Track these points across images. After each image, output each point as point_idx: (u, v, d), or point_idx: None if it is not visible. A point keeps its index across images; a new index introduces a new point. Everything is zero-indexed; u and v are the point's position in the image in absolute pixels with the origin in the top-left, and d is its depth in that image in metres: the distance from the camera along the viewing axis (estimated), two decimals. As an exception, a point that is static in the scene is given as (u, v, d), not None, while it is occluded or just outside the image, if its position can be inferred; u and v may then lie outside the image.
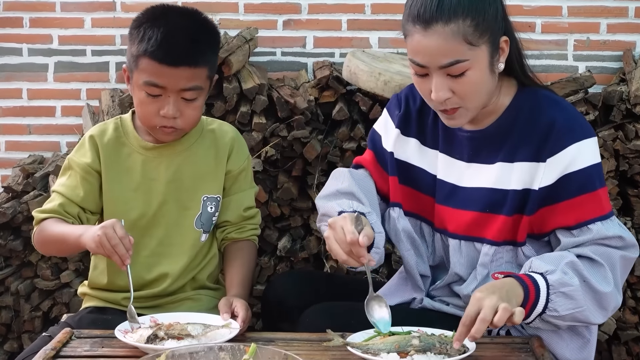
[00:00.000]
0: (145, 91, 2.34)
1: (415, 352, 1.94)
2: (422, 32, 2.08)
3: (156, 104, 2.35)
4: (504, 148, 2.20)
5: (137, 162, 2.46)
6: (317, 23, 3.95)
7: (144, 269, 2.46)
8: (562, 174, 2.13)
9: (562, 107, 2.20)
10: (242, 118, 3.42)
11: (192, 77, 2.33)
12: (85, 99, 3.99)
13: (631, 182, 3.48)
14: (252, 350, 1.72)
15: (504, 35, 2.15)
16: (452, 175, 2.28)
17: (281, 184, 3.47)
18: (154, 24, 2.32)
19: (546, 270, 2.07)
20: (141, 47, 2.31)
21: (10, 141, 4.03)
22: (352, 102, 3.56)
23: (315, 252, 3.48)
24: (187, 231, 2.48)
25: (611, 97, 3.50)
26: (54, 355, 2.00)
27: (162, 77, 2.31)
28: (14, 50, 3.99)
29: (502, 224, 2.19)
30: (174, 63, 2.30)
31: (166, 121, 2.36)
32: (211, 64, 2.41)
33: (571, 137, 2.13)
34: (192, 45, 2.33)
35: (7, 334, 3.59)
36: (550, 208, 2.15)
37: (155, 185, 2.46)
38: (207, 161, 2.50)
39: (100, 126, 2.52)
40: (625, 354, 3.48)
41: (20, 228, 3.51)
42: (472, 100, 2.13)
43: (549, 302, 2.05)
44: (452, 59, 2.07)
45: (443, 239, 2.32)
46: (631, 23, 3.90)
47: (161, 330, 2.05)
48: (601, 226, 2.13)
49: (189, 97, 2.35)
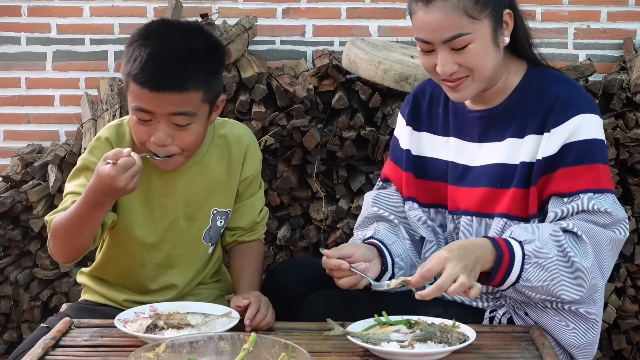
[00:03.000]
0: (135, 116, 2.18)
1: (416, 341, 1.94)
2: (424, 8, 2.13)
3: (147, 129, 2.17)
4: (512, 124, 2.22)
5: (152, 175, 2.29)
6: (316, 11, 3.94)
7: (149, 280, 2.39)
8: (564, 142, 2.14)
9: (569, 83, 2.24)
10: (241, 107, 3.41)
11: (180, 102, 2.13)
12: (84, 88, 3.99)
13: (631, 171, 3.48)
14: (252, 340, 1.72)
15: (507, 9, 2.18)
16: (464, 156, 2.30)
17: (280, 173, 3.47)
18: (143, 43, 2.15)
19: (525, 239, 2.08)
20: (127, 69, 2.15)
21: (8, 130, 4.02)
22: (351, 91, 3.56)
23: (314, 241, 3.48)
24: (195, 245, 2.39)
25: (611, 86, 3.49)
26: (53, 344, 2.00)
27: (147, 102, 2.13)
28: (12, 39, 3.98)
29: (512, 197, 2.19)
30: (157, 88, 2.11)
31: (157, 149, 2.18)
32: (208, 87, 2.19)
33: (576, 109, 2.16)
34: (180, 68, 2.13)
35: (7, 323, 3.60)
36: (549, 176, 2.16)
37: (168, 201, 2.33)
38: (220, 172, 2.37)
39: (117, 128, 2.33)
40: (625, 342, 3.49)
41: (19, 217, 3.51)
42: (479, 72, 2.16)
43: (522, 272, 2.06)
44: (454, 32, 2.11)
45: (455, 220, 2.32)
46: (631, 11, 3.90)
47: (161, 319, 2.05)
48: (592, 197, 2.12)
49: (180, 123, 2.16)
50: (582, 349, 2.23)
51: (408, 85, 3.35)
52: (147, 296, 2.39)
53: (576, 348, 2.22)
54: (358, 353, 1.97)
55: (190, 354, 1.74)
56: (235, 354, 1.72)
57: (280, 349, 1.71)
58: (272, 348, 1.72)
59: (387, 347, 1.93)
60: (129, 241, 2.34)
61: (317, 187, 3.46)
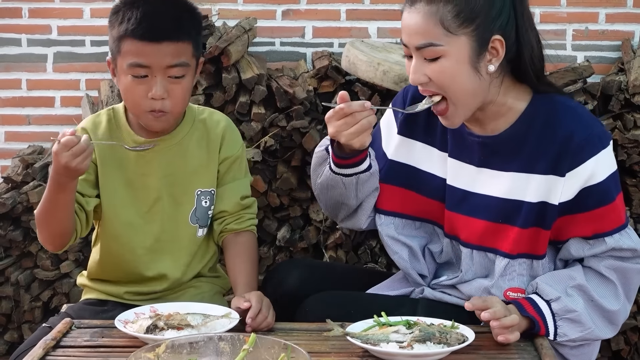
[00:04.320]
0: (130, 74, 2.29)
1: (415, 342, 1.94)
2: (408, 9, 2.11)
3: (143, 87, 2.29)
4: (518, 158, 2.17)
5: (129, 157, 2.39)
6: (316, 13, 3.95)
7: (143, 266, 2.42)
8: (581, 187, 2.12)
9: (580, 118, 2.16)
10: (241, 108, 3.42)
11: (176, 52, 2.28)
12: (85, 89, 3.99)
13: (630, 172, 3.48)
14: (252, 340, 1.73)
15: (498, 35, 2.09)
16: (462, 180, 2.24)
17: (280, 174, 3.47)
18: (133, 6, 2.30)
19: (550, 299, 2.11)
20: (122, 29, 2.28)
21: (9, 132, 4.03)
22: (351, 92, 3.55)
23: (314, 242, 3.48)
24: (183, 227, 2.43)
25: (610, 87, 3.50)
26: (54, 345, 2.01)
27: (146, 55, 2.26)
28: (13, 41, 3.99)
29: (517, 236, 2.17)
30: (156, 38, 2.26)
31: (155, 103, 2.29)
32: (195, 41, 2.35)
33: (590, 150, 2.11)
34: (174, 20, 2.30)
35: (7, 324, 3.60)
36: (568, 218, 2.15)
37: (149, 180, 2.40)
38: (199, 154, 2.44)
39: (94, 118, 2.47)
40: (624, 343, 3.49)
41: (20, 218, 3.51)
42: (454, 93, 2.10)
43: (557, 329, 2.10)
44: (426, 40, 2.07)
45: (454, 244, 2.30)
46: (630, 13, 3.90)
47: (161, 320, 2.05)
48: (618, 238, 2.15)
49: (176, 74, 2.29)
50: (580, 357, 2.25)
51: (407, 87, 3.35)
52: (145, 285, 2.43)
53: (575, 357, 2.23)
54: (357, 354, 1.97)
55: (190, 354, 1.75)
56: (235, 355, 1.73)
57: (279, 350, 1.72)
58: (271, 349, 1.73)
59: (386, 348, 1.93)
60: (117, 224, 2.40)
61: (316, 188, 3.46)
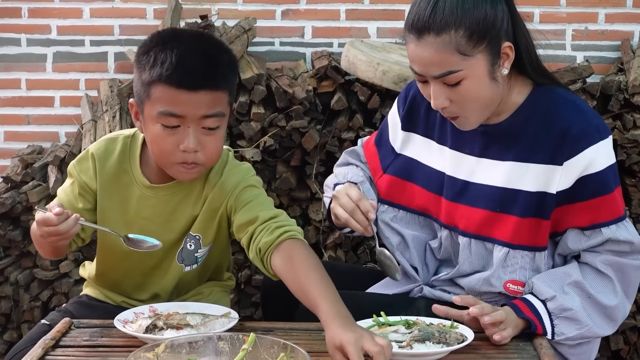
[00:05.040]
0: (161, 123, 2.10)
1: (414, 342, 1.94)
2: (416, 42, 2.07)
3: (174, 138, 2.11)
4: (516, 147, 2.18)
5: (133, 196, 2.27)
6: (315, 13, 3.95)
7: (134, 289, 2.39)
8: (578, 176, 2.12)
9: (579, 109, 2.17)
10: (240, 108, 3.42)
11: (213, 102, 2.10)
12: (84, 89, 3.99)
13: (629, 172, 3.48)
14: (251, 340, 1.73)
15: (507, 41, 2.10)
16: (462, 171, 2.26)
17: (280, 174, 3.47)
18: (166, 47, 2.09)
19: (546, 298, 2.12)
20: (154, 73, 2.07)
21: (9, 131, 4.03)
22: (350, 92, 3.57)
23: (313, 241, 3.48)
24: (171, 265, 2.34)
25: (609, 87, 3.50)
26: (53, 344, 2.01)
27: (180, 104, 2.07)
28: (13, 41, 3.99)
29: (516, 226, 2.18)
30: (193, 87, 2.07)
31: (187, 156, 2.12)
32: (231, 88, 2.18)
33: (588, 140, 2.11)
34: (211, 66, 2.10)
35: (7, 323, 3.60)
36: (566, 208, 2.16)
37: (148, 225, 2.27)
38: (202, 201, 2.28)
39: (107, 143, 2.30)
40: (623, 342, 3.49)
41: (19, 218, 3.51)
42: (471, 109, 2.12)
43: (554, 328, 2.10)
44: (445, 70, 2.06)
45: (452, 236, 2.30)
46: (629, 13, 3.91)
47: (160, 320, 2.05)
48: (615, 229, 2.15)
49: (211, 126, 2.11)
50: (579, 356, 2.25)
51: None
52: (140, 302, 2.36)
53: (574, 356, 2.23)
54: (356, 353, 1.97)
55: (190, 354, 1.75)
56: (235, 354, 1.73)
57: (279, 349, 1.72)
58: (271, 348, 1.73)
59: (385, 347, 1.93)
60: (113, 254, 2.34)
61: (316, 188, 3.47)
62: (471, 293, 2.24)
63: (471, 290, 2.24)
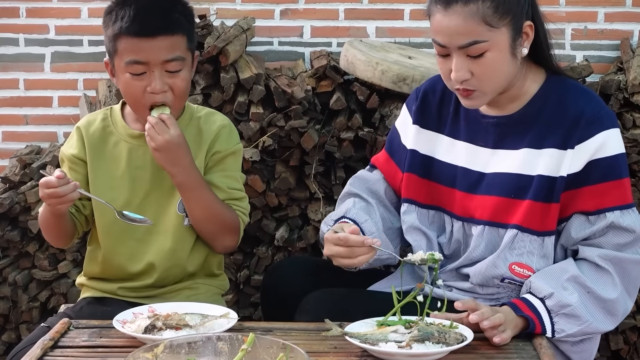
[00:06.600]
0: (128, 72, 2.34)
1: (414, 342, 1.94)
2: (443, 11, 2.12)
3: (142, 83, 2.34)
4: (529, 134, 2.22)
5: (123, 150, 2.45)
6: (314, 12, 3.95)
7: (129, 259, 2.44)
8: (589, 159, 2.15)
9: (591, 97, 2.23)
10: (239, 108, 3.42)
11: (171, 46, 2.33)
12: (82, 89, 3.99)
13: (629, 172, 3.47)
14: (251, 340, 1.73)
15: (528, 21, 2.16)
16: (477, 163, 2.29)
17: (279, 174, 3.47)
18: (125, 4, 2.34)
19: (544, 295, 2.12)
20: (116, 27, 2.32)
21: (7, 131, 4.03)
22: (349, 92, 3.56)
23: (312, 241, 3.48)
24: (171, 216, 2.45)
25: (609, 86, 3.50)
26: (52, 345, 2.01)
27: (142, 51, 2.32)
28: (11, 41, 3.98)
29: (528, 209, 2.19)
30: (150, 34, 2.31)
31: (155, 97, 2.35)
32: (189, 34, 2.40)
33: (599, 125, 2.16)
34: (166, 14, 2.34)
35: (5, 324, 3.59)
36: (574, 192, 2.17)
37: (141, 173, 2.44)
38: (193, 148, 2.44)
39: (89, 117, 2.53)
40: (623, 342, 3.49)
41: (17, 218, 3.50)
42: (490, 83, 2.16)
43: (554, 325, 2.10)
44: (471, 39, 2.11)
45: (465, 227, 2.32)
46: (628, 12, 3.91)
47: (159, 320, 2.05)
48: (619, 215, 2.16)
49: (173, 69, 2.34)
50: (580, 354, 2.24)
51: (406, 86, 3.35)
52: (135, 280, 2.45)
53: (575, 354, 2.23)
54: (356, 353, 1.97)
55: (189, 354, 1.74)
56: (234, 355, 1.73)
57: (278, 350, 1.71)
58: (270, 348, 1.72)
59: (385, 348, 1.93)
60: (109, 217, 2.41)
61: (315, 187, 3.47)
62: (476, 279, 2.24)
63: (476, 276, 2.24)
